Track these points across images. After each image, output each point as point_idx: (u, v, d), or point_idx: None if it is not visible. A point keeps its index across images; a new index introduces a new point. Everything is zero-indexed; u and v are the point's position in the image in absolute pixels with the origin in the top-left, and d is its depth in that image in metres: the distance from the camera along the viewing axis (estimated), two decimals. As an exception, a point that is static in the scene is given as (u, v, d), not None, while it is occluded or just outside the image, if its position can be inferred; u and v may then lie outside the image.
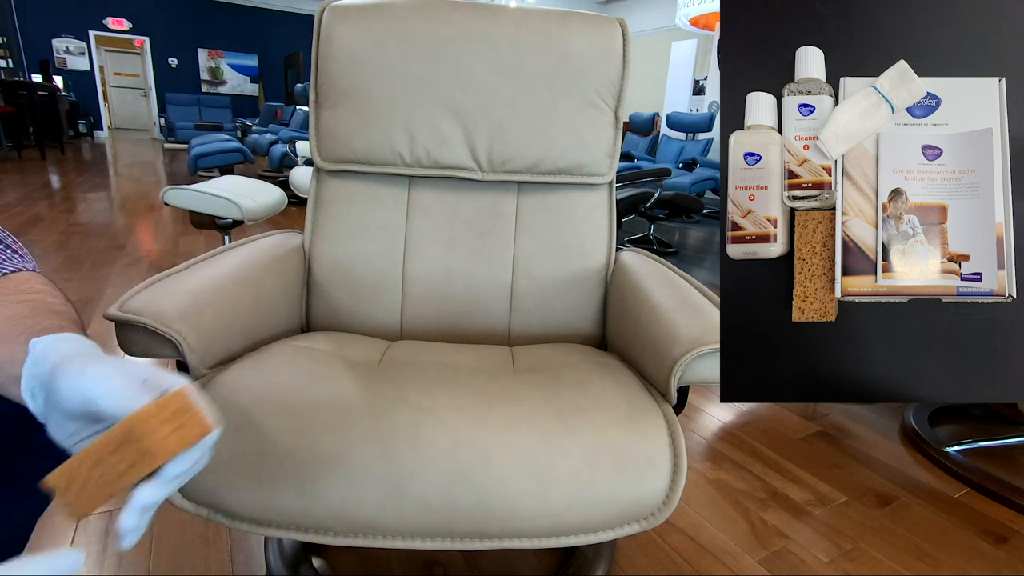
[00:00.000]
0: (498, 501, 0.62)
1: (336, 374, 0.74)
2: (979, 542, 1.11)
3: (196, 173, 4.94)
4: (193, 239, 3.12)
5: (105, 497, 0.36)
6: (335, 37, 0.99)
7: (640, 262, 1.01)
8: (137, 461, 0.35)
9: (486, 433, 0.65)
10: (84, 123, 9.44)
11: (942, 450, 1.37)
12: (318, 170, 1.06)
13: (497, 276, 1.05)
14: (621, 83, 1.03)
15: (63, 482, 0.35)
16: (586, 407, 0.70)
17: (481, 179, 1.04)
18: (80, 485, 0.35)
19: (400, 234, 1.05)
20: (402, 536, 0.64)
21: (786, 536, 1.09)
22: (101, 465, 0.35)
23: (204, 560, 0.95)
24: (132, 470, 0.36)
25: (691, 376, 0.70)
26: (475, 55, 0.99)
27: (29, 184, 4.56)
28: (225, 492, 0.63)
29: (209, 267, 0.83)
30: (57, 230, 3.15)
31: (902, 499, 1.23)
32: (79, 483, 0.35)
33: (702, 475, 1.27)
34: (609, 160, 1.06)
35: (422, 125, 1.01)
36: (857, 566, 1.03)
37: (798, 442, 1.43)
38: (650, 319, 0.82)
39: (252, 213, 2.07)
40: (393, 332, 1.05)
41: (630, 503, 0.65)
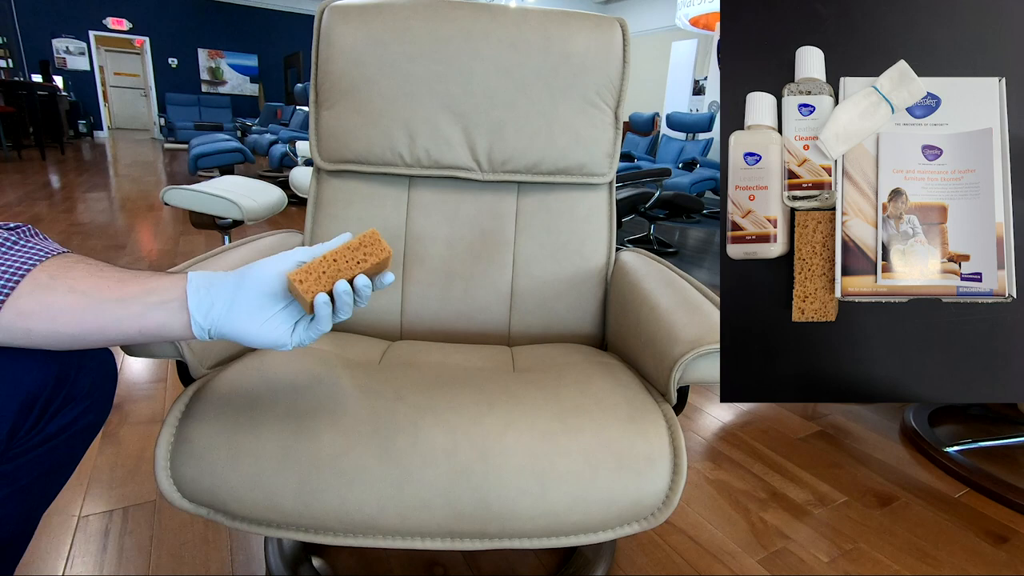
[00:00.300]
0: (498, 501, 0.62)
1: (336, 374, 0.74)
2: (979, 542, 1.11)
3: (196, 173, 4.94)
4: (193, 239, 3.12)
5: (331, 283, 0.52)
6: (335, 37, 0.99)
7: (640, 262, 1.01)
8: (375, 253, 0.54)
9: (486, 433, 0.65)
10: (84, 123, 9.44)
11: (942, 450, 1.37)
12: (318, 170, 1.06)
13: (497, 276, 1.05)
14: (621, 83, 1.03)
15: (300, 276, 0.51)
16: (586, 407, 0.70)
17: (481, 179, 1.04)
18: (315, 277, 0.52)
19: (400, 234, 1.05)
20: (402, 536, 0.64)
21: (786, 536, 1.09)
22: (339, 262, 0.53)
23: (204, 560, 0.95)
24: (370, 258, 0.54)
25: (691, 376, 0.70)
26: (475, 55, 0.99)
27: (29, 184, 4.57)
28: (225, 492, 0.63)
29: (209, 267, 0.83)
30: (57, 230, 3.15)
31: (902, 499, 1.23)
32: (314, 276, 0.52)
33: (702, 475, 1.27)
34: (609, 160, 1.06)
35: (422, 125, 1.01)
36: (857, 566, 1.03)
37: (798, 442, 1.43)
38: (650, 319, 0.82)
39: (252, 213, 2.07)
40: (393, 332, 1.05)
41: (630, 503, 0.65)
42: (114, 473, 1.15)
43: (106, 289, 0.48)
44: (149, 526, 1.01)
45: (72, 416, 0.54)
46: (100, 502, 1.07)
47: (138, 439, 1.27)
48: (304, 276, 0.52)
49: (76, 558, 0.94)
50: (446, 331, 1.05)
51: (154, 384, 1.52)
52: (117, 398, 1.43)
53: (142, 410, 1.39)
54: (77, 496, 1.08)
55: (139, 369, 1.59)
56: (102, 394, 0.58)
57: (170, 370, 1.58)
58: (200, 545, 0.98)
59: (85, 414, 0.56)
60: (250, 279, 0.52)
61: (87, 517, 1.03)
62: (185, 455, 0.64)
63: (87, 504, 1.06)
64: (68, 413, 0.54)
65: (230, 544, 0.98)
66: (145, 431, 1.30)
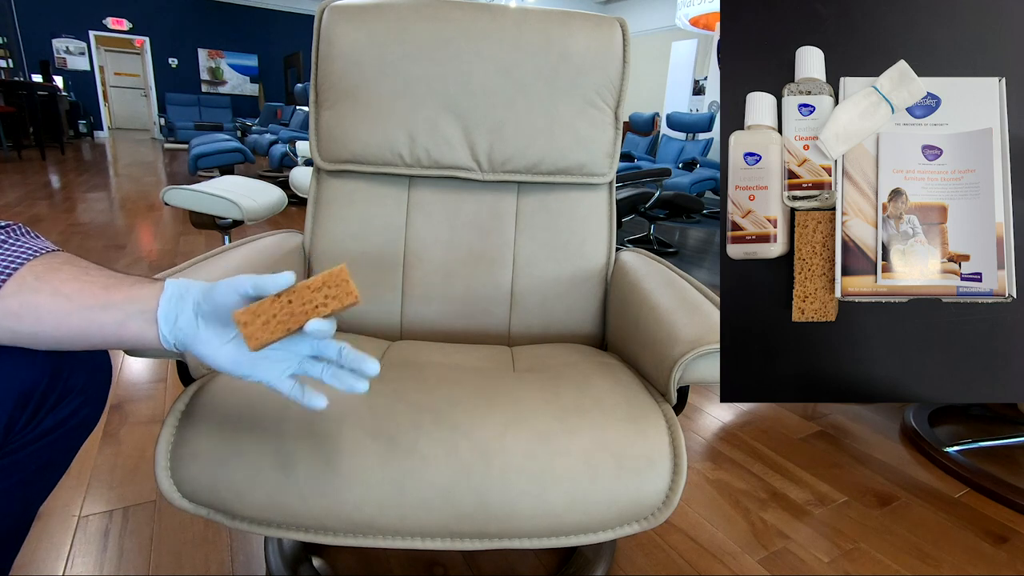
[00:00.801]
0: (498, 501, 0.62)
1: (336, 374, 0.74)
2: (979, 542, 1.11)
3: (196, 173, 4.94)
4: (193, 239, 3.12)
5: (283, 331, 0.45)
6: (335, 37, 0.99)
7: (640, 262, 1.01)
8: (339, 294, 0.46)
9: (486, 433, 0.65)
10: (84, 123, 9.44)
11: (942, 450, 1.37)
12: (318, 170, 1.06)
13: (497, 276, 1.05)
14: (621, 83, 1.03)
15: (247, 318, 0.45)
16: (586, 407, 0.70)
17: (481, 179, 1.04)
18: (264, 321, 0.45)
19: (400, 234, 1.05)
20: (402, 536, 0.64)
21: (786, 536, 1.09)
22: (294, 303, 0.45)
23: (204, 560, 0.95)
24: (332, 302, 0.46)
25: (691, 376, 0.70)
26: (475, 55, 0.99)
27: (29, 184, 4.57)
28: (225, 492, 0.63)
29: (209, 267, 0.83)
30: (57, 230, 3.15)
31: (902, 499, 1.23)
32: (263, 319, 0.45)
33: (702, 475, 1.27)
34: (609, 160, 1.06)
35: (422, 125, 1.01)
36: (857, 566, 1.03)
37: (798, 442, 1.43)
38: (650, 319, 0.82)
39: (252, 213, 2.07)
40: (393, 332, 1.05)
41: (630, 503, 0.65)
42: (114, 473, 1.15)
43: (90, 294, 0.48)
44: (149, 526, 1.01)
45: (68, 411, 0.54)
46: (100, 502, 1.07)
47: (138, 439, 1.27)
48: (250, 318, 0.45)
49: (76, 558, 0.94)
50: (446, 331, 1.05)
51: (154, 384, 1.52)
52: (117, 398, 1.43)
53: (142, 410, 1.39)
54: (77, 496, 1.08)
55: (139, 369, 1.59)
56: (97, 389, 0.58)
57: (170, 370, 1.58)
58: (200, 545, 0.98)
59: (80, 409, 0.56)
60: (210, 298, 0.49)
61: (87, 517, 1.03)
62: (185, 455, 0.64)
63: (87, 504, 1.06)
64: (64, 408, 0.54)
65: (230, 544, 0.98)
66: (145, 431, 1.30)
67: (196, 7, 9.92)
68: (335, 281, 0.46)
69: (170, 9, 9.76)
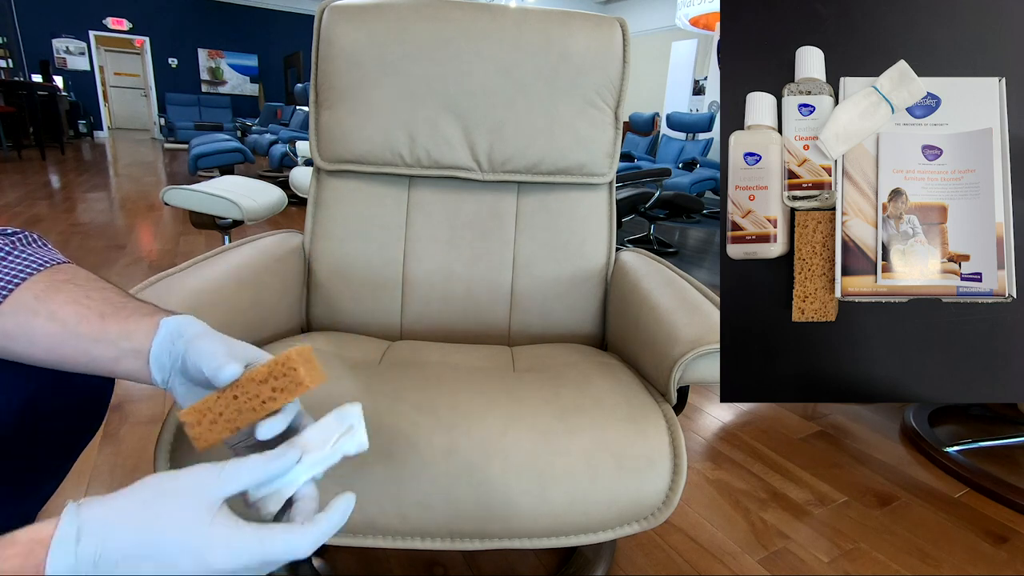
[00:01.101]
0: (498, 501, 0.62)
1: (336, 374, 0.74)
2: (979, 542, 1.11)
3: (196, 173, 4.94)
4: (193, 239, 3.12)
5: (231, 430, 0.42)
6: (335, 37, 0.99)
7: (640, 262, 1.01)
8: (287, 387, 0.42)
9: (486, 433, 0.65)
10: (84, 123, 9.44)
11: (942, 450, 1.37)
12: (318, 170, 1.06)
13: (497, 276, 1.05)
14: (621, 83, 1.03)
15: (194, 418, 0.42)
16: (586, 407, 0.70)
17: (481, 179, 1.04)
18: (211, 420, 0.42)
19: (400, 234, 1.05)
20: (402, 536, 0.64)
21: (786, 536, 1.09)
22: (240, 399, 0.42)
23: (204, 560, 0.94)
24: (281, 395, 0.42)
25: (691, 376, 0.70)
26: (475, 55, 0.99)
27: (29, 184, 4.57)
28: (225, 492, 0.63)
29: (209, 267, 0.83)
30: (57, 230, 3.15)
31: (902, 499, 1.23)
32: (210, 418, 0.42)
33: (702, 475, 1.27)
34: (609, 160, 1.06)
35: (422, 125, 1.01)
36: (857, 566, 1.03)
37: (798, 442, 1.43)
38: (650, 319, 0.82)
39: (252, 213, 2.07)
40: (393, 332, 1.05)
41: (630, 503, 0.65)
42: (114, 473, 1.15)
43: (86, 322, 0.46)
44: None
45: (68, 419, 0.54)
46: (100, 502, 1.06)
47: (138, 439, 1.27)
48: (197, 418, 0.42)
49: (76, 558, 0.94)
50: (446, 331, 1.05)
51: (154, 384, 1.52)
52: (117, 398, 1.43)
53: (142, 410, 1.39)
54: (77, 496, 1.07)
55: (139, 369, 1.59)
56: (97, 398, 0.58)
57: (170, 370, 1.57)
58: (200, 545, 0.98)
59: (81, 417, 0.56)
60: (191, 353, 0.45)
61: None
62: (185, 455, 0.64)
63: (87, 504, 1.06)
64: (64, 416, 0.54)
65: (230, 544, 0.98)
66: (145, 431, 1.30)
67: (196, 7, 9.93)
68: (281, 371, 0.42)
69: (170, 9, 9.76)
